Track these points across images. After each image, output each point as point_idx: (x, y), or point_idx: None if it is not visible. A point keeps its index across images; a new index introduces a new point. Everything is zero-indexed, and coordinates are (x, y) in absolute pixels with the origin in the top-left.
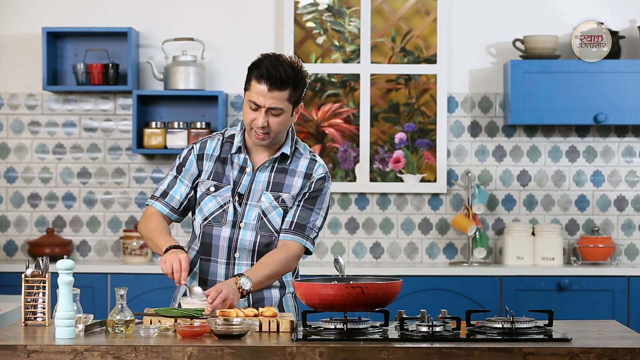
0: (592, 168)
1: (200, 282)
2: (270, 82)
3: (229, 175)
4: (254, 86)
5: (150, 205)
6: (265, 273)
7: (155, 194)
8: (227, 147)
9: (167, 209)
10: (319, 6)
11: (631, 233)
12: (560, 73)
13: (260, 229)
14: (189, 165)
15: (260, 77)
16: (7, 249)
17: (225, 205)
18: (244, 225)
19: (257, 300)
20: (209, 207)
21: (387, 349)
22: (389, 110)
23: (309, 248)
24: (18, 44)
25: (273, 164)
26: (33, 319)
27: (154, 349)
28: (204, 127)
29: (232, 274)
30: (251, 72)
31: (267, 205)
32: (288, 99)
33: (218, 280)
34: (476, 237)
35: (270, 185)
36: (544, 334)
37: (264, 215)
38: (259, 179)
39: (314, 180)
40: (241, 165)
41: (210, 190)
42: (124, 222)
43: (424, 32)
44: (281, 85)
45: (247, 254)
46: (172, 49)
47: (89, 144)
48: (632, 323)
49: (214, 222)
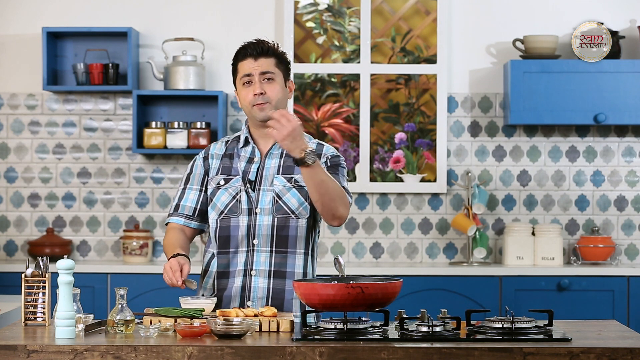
0: (592, 168)
1: (221, 276)
2: (254, 54)
3: (237, 167)
4: (242, 65)
5: (168, 222)
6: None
7: (170, 211)
8: (234, 144)
9: (183, 218)
10: (319, 6)
11: (631, 233)
12: (560, 73)
13: (277, 212)
14: (195, 169)
15: (244, 54)
16: (7, 249)
17: (238, 194)
18: (260, 210)
19: (276, 301)
20: (222, 201)
21: (387, 349)
22: (389, 110)
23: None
24: (18, 44)
25: (282, 150)
26: (33, 319)
27: (154, 349)
28: (204, 127)
29: (252, 261)
30: (234, 60)
31: (281, 188)
32: (276, 65)
33: (238, 269)
34: (476, 237)
35: (280, 169)
36: (544, 334)
37: (278, 198)
38: (269, 165)
39: (328, 157)
40: (249, 157)
41: (220, 184)
42: (124, 222)
43: (424, 32)
44: (265, 53)
45: (265, 239)
46: (172, 49)
47: (89, 144)
48: (632, 323)
49: (230, 214)
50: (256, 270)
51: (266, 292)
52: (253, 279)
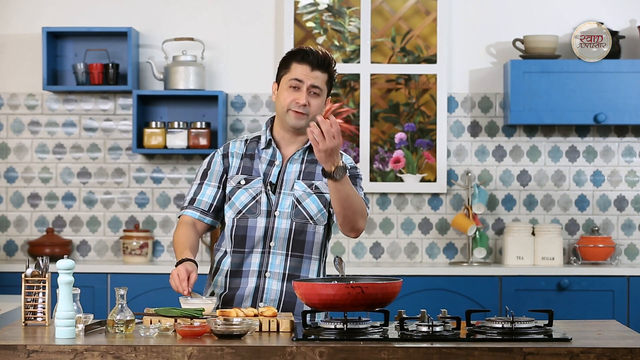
0: (592, 168)
1: (234, 275)
2: (313, 62)
3: (258, 169)
4: (296, 67)
5: (182, 215)
6: (351, 190)
7: (184, 204)
8: (254, 145)
9: (198, 212)
10: (319, 6)
11: (631, 233)
12: (560, 73)
13: (295, 216)
14: (214, 166)
15: (303, 59)
16: (7, 249)
17: (258, 195)
18: (279, 213)
19: (289, 305)
20: (241, 200)
21: (387, 348)
22: (389, 110)
23: (367, 210)
24: (18, 44)
25: (303, 156)
26: (33, 319)
27: (154, 349)
28: (204, 127)
29: (267, 262)
30: (288, 58)
31: (301, 193)
32: (326, 83)
33: (252, 270)
34: (476, 237)
35: (301, 175)
36: (544, 334)
37: (298, 202)
38: (290, 170)
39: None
40: (270, 160)
41: (241, 184)
42: (124, 222)
43: (424, 32)
44: (321, 66)
45: (282, 242)
46: (172, 49)
47: (89, 144)
48: (632, 323)
49: (248, 214)
50: (270, 272)
51: (279, 294)
52: (267, 281)
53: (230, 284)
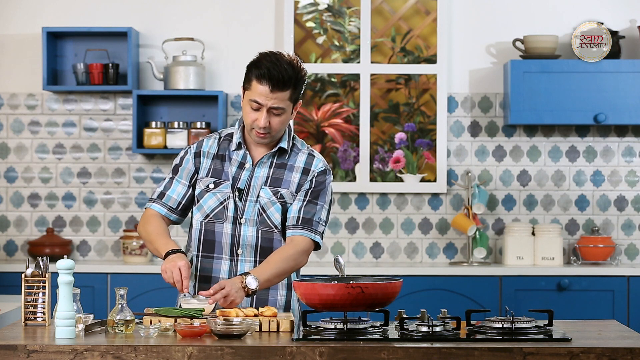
0: (592, 168)
1: (203, 280)
2: (272, 83)
3: (228, 172)
4: (255, 86)
5: (148, 207)
6: (273, 271)
7: (152, 196)
8: (225, 145)
9: (165, 209)
10: (319, 6)
11: (631, 233)
12: (560, 73)
13: (261, 224)
14: (185, 163)
15: (262, 77)
16: (7, 249)
17: (226, 201)
18: (245, 221)
19: (262, 301)
20: (209, 204)
21: (387, 348)
22: (389, 110)
23: (318, 242)
24: (18, 44)
25: (272, 159)
26: (33, 319)
27: (154, 349)
28: (204, 127)
29: (236, 270)
30: (251, 71)
31: (266, 201)
32: (289, 99)
33: (221, 277)
34: (476, 237)
35: (269, 181)
36: (544, 333)
37: (263, 210)
38: (258, 174)
39: (315, 175)
40: (240, 161)
41: (209, 187)
42: (124, 222)
43: (424, 32)
44: (283, 85)
45: (250, 250)
46: (172, 49)
47: (89, 144)
48: (632, 323)
49: (215, 219)
50: None
51: (249, 301)
52: None
53: (200, 289)
